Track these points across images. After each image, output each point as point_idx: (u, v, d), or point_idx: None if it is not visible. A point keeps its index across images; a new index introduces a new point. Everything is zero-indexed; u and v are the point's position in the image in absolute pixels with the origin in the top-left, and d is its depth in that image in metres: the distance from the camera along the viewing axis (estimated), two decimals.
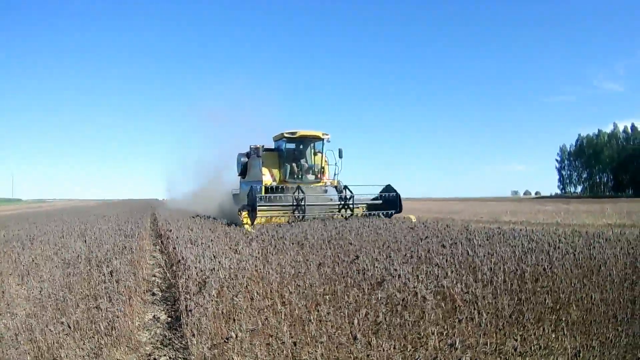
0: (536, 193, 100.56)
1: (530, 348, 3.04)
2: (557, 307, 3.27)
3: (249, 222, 9.48)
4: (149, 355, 3.48)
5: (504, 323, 3.16)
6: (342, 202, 11.08)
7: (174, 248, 4.80)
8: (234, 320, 3.19)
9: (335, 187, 12.66)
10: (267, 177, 12.06)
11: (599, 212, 17.03)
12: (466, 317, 2.99)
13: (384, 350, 2.84)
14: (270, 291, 3.17)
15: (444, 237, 5.68)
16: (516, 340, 3.17)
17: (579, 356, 2.83)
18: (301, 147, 12.71)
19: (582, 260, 3.62)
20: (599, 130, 78.62)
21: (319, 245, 4.78)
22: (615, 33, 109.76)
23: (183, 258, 3.93)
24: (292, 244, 4.99)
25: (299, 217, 10.12)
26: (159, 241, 8.77)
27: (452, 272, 3.19)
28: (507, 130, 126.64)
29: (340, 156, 12.46)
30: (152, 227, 13.87)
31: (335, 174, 12.70)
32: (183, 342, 3.58)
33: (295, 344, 2.99)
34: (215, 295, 3.34)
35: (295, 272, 3.33)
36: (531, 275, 3.30)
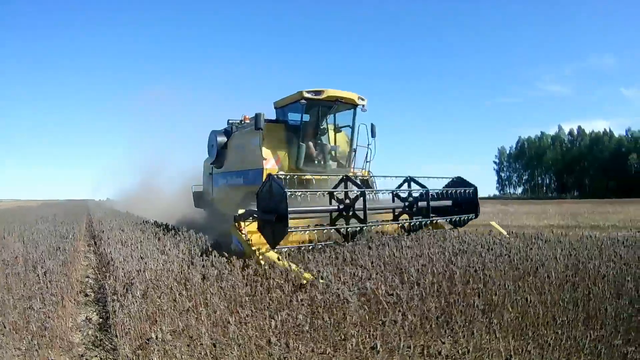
0: None
1: (459, 350, 3.15)
2: (490, 309, 3.37)
3: (268, 243, 5.46)
4: (82, 355, 3.57)
5: (431, 325, 3.26)
6: (407, 205, 6.99)
7: (104, 249, 4.89)
8: (156, 321, 3.29)
9: (367, 180, 8.13)
10: (271, 164, 8.00)
11: (540, 213, 17.20)
12: (390, 320, 3.09)
13: (301, 352, 2.96)
14: (194, 293, 3.26)
15: (367, 237, 5.83)
16: (443, 342, 3.29)
17: (512, 359, 2.94)
18: (326, 117, 8.70)
19: (517, 262, 3.71)
20: (542, 133, 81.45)
21: None
22: (564, 36, 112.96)
23: (112, 259, 4.01)
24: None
25: (347, 234, 6.06)
26: (93, 242, 8.67)
27: (377, 273, 3.27)
28: (444, 131, 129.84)
29: (374, 135, 8.73)
30: (88, 228, 13.44)
31: (366, 162, 8.78)
32: (113, 343, 3.69)
33: (214, 345, 3.10)
34: (140, 297, 3.43)
35: (218, 273, 3.43)
36: (461, 277, 3.39)
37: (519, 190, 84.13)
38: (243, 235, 5.59)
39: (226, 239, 6.28)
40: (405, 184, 7.25)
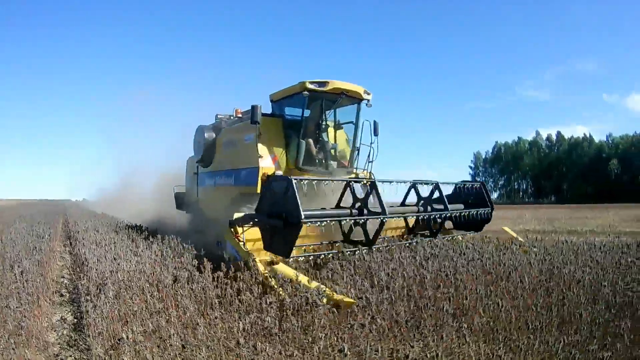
0: None
1: (428, 355, 3.19)
2: (461, 314, 3.41)
3: (274, 252, 4.99)
4: (57, 355, 3.61)
5: (400, 329, 3.31)
6: (423, 212, 6.40)
7: (79, 250, 4.92)
8: (127, 322, 3.33)
9: (372, 182, 6.35)
10: (267, 162, 7.30)
11: (516, 218, 17.27)
12: (358, 323, 3.13)
13: (268, 355, 3.00)
14: (165, 294, 3.30)
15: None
16: (412, 346, 3.33)
17: None
18: (328, 112, 7.99)
19: (490, 267, 3.76)
20: (519, 138, 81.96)
21: None
22: (544, 42, 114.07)
23: (86, 259, 4.05)
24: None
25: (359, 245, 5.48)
26: (69, 242, 8.62)
27: (346, 276, 3.31)
28: (418, 136, 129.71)
29: (376, 133, 8.14)
30: (64, 228, 13.30)
31: (368, 162, 8.12)
32: (87, 343, 3.74)
33: (183, 346, 3.15)
34: (112, 297, 3.47)
35: (189, 275, 3.47)
36: (432, 281, 3.43)
37: (495, 195, 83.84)
38: (240, 243, 4.99)
39: (215, 247, 5.81)
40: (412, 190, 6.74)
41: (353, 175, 7.95)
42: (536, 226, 12.05)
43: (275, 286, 3.97)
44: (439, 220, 6.45)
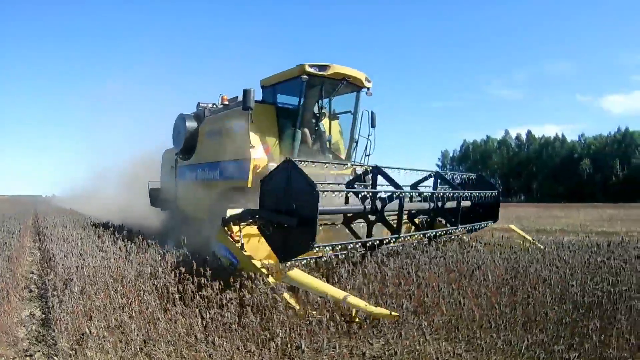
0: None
1: (386, 352, 3.26)
2: (422, 311, 3.48)
3: (281, 255, 4.36)
4: (26, 350, 3.67)
5: (360, 326, 3.38)
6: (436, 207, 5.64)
7: (47, 245, 4.96)
8: (91, 317, 3.39)
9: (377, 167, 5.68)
10: (259, 153, 6.71)
11: None
12: (317, 320, 3.20)
13: (226, 350, 3.07)
14: (129, 290, 3.37)
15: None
16: (371, 343, 3.40)
17: None
18: (328, 98, 7.34)
19: (453, 264, 3.82)
20: (488, 136, 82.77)
21: None
22: (517, 42, 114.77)
23: (53, 255, 4.11)
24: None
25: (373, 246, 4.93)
26: (38, 238, 8.50)
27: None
28: (385, 134, 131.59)
29: (374, 125, 7.67)
30: (34, 224, 12.94)
31: (365, 155, 7.59)
32: (55, 338, 3.79)
33: (145, 341, 3.21)
34: (78, 293, 3.53)
35: (152, 271, 3.54)
36: (393, 278, 3.50)
37: None
38: (238, 245, 4.40)
39: (201, 249, 5.22)
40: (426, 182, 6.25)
41: (351, 169, 7.35)
42: (503, 224, 12.18)
43: (293, 303, 3.46)
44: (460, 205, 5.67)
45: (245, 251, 4.36)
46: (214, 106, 8.69)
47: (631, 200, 45.63)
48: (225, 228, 4.60)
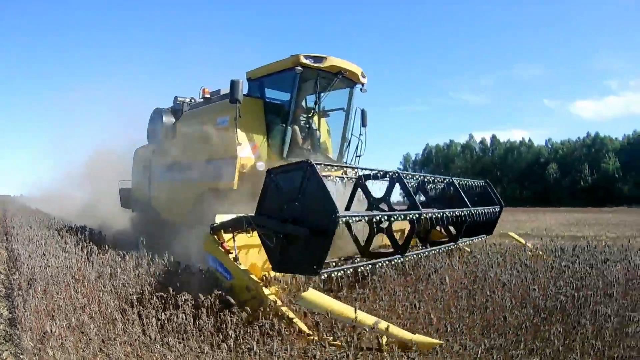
0: None
1: (337, 355, 3.34)
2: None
3: (293, 272, 4.02)
4: None
5: (313, 330, 3.47)
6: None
7: (13, 245, 5.04)
8: (53, 317, 3.49)
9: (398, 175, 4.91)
10: (246, 152, 6.20)
11: None
12: (269, 323, 3.30)
13: (179, 351, 3.17)
14: (89, 290, 3.47)
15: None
16: (324, 347, 3.49)
17: None
18: (321, 94, 6.69)
19: (409, 268, 3.90)
20: (451, 140, 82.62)
21: None
22: (485, 46, 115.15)
23: (19, 255, 4.20)
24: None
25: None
26: (5, 238, 8.41)
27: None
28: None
29: (365, 124, 7.34)
30: (2, 224, 12.63)
31: (356, 156, 7.22)
32: (20, 338, 3.89)
33: (103, 341, 3.32)
34: (41, 293, 3.63)
35: (112, 272, 3.64)
36: (347, 282, 3.57)
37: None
38: (230, 256, 3.92)
39: (179, 255, 4.93)
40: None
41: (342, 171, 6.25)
42: None
43: (304, 327, 3.24)
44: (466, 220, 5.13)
45: (240, 264, 3.88)
46: (193, 100, 8.14)
47: (601, 204, 45.50)
48: (215, 236, 4.09)
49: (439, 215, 4.66)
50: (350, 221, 4.31)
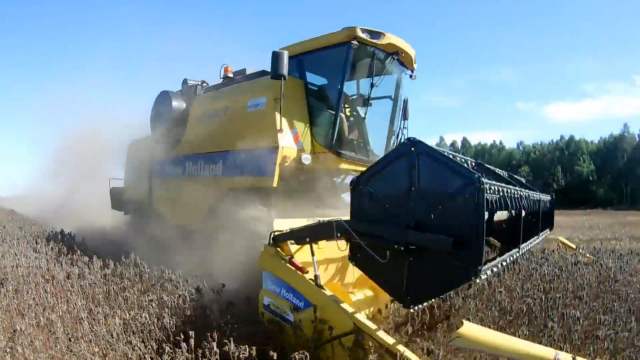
0: None
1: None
2: None
3: (416, 298, 2.88)
4: None
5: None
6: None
7: None
8: (23, 315, 3.65)
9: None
10: (288, 140, 5.22)
11: None
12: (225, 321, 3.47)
13: (140, 350, 3.33)
14: (58, 290, 3.62)
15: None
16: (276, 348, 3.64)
17: None
18: (374, 77, 5.63)
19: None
20: None
21: None
22: (457, 49, 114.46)
23: None
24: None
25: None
26: None
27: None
28: None
29: (406, 116, 6.33)
30: None
31: None
32: None
33: (70, 339, 3.48)
34: (12, 291, 3.79)
35: (80, 272, 3.80)
36: None
37: None
38: (307, 276, 3.17)
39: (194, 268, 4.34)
40: None
41: None
42: None
43: None
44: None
45: (324, 289, 3.06)
46: (205, 84, 7.13)
47: (575, 207, 45.67)
48: (278, 249, 3.37)
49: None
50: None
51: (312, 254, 3.24)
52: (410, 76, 6.20)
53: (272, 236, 3.42)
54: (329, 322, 2.94)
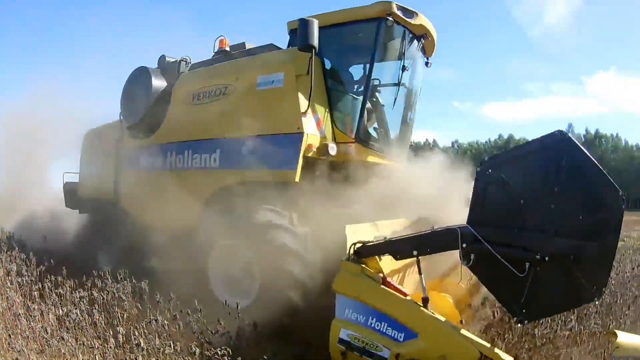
0: None
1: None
2: None
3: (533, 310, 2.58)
4: None
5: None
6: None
7: None
8: None
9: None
10: (312, 126, 4.46)
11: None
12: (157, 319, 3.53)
13: (72, 345, 3.44)
14: (1, 286, 3.75)
15: None
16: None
17: None
18: (400, 61, 5.08)
19: None
20: None
21: None
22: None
23: None
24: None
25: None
26: None
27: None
28: None
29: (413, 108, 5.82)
30: None
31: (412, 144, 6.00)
32: None
33: (10, 336, 3.62)
34: None
35: (17, 269, 3.92)
36: None
37: None
38: (406, 299, 2.70)
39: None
40: None
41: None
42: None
43: None
44: None
45: (434, 313, 2.61)
46: (186, 61, 6.01)
47: None
48: (363, 266, 2.77)
49: None
50: None
51: (420, 272, 2.76)
52: (427, 64, 5.67)
53: (353, 249, 2.81)
54: (445, 355, 2.48)
